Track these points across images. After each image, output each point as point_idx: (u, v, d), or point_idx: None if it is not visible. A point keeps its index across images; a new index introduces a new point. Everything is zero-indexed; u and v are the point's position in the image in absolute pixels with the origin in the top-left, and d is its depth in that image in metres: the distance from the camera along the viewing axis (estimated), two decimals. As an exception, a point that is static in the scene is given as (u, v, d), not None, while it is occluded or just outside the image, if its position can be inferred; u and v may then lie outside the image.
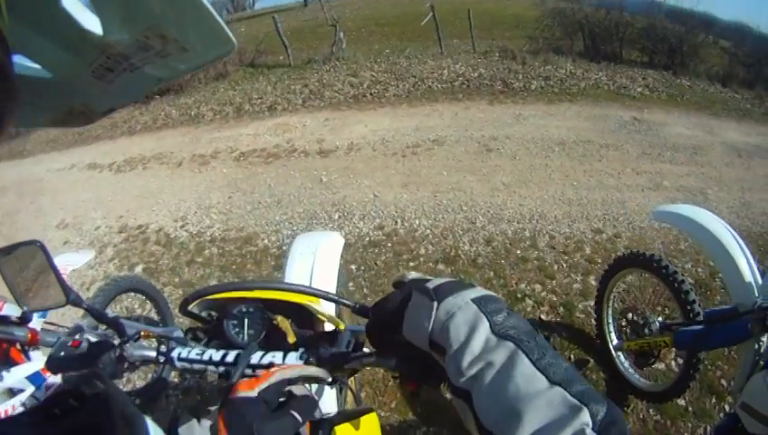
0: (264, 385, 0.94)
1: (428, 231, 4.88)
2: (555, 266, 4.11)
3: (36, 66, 0.61)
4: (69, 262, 3.42)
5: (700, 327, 2.34)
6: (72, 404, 0.60)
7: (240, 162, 7.95)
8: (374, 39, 17.37)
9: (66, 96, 0.68)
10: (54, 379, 2.51)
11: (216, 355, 1.18)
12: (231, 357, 1.17)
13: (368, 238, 4.92)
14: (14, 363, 2.48)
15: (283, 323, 1.32)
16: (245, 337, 1.31)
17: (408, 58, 12.74)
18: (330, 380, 1.08)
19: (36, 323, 2.72)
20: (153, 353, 1.27)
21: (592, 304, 3.32)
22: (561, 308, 3.64)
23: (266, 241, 5.37)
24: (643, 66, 11.25)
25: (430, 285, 0.77)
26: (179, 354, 1.22)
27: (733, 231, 2.45)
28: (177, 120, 12.86)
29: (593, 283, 3.77)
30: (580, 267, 4.08)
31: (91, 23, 0.54)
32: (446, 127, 7.60)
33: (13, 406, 2.34)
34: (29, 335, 2.27)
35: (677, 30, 11.91)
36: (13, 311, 2.55)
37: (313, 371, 1.04)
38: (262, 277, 4.71)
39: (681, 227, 2.91)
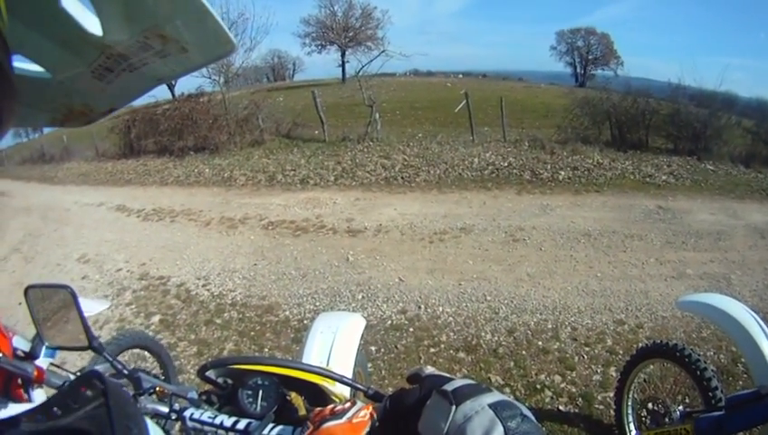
0: None
1: (451, 319, 4.87)
2: (576, 358, 4.10)
3: (36, 66, 0.62)
4: (84, 308, 3.46)
5: (721, 413, 2.28)
6: (72, 404, 0.61)
7: (268, 231, 8.08)
8: (408, 122, 17.80)
9: (66, 96, 0.70)
10: None
11: (228, 421, 1.21)
12: (242, 425, 1.20)
13: (390, 321, 4.93)
14: (14, 399, 2.37)
15: (296, 399, 1.33)
16: (258, 408, 1.33)
17: (440, 144, 12.96)
18: None
19: (43, 361, 2.66)
20: (166, 410, 1.31)
21: (612, 395, 3.29)
22: (581, 399, 3.61)
23: (288, 313, 5.38)
24: (668, 153, 11.36)
25: (449, 388, 0.81)
26: (192, 415, 1.26)
27: (755, 315, 2.47)
28: (209, 179, 13.15)
29: (613, 374, 3.76)
30: (601, 359, 4.07)
31: (91, 23, 0.56)
32: (474, 215, 7.70)
33: None
34: (35, 373, 2.22)
35: (701, 114, 11.99)
36: (22, 345, 2.54)
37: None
38: (279, 348, 4.74)
39: (704, 315, 2.92)
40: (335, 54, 44.28)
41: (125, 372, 1.44)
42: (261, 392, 1.35)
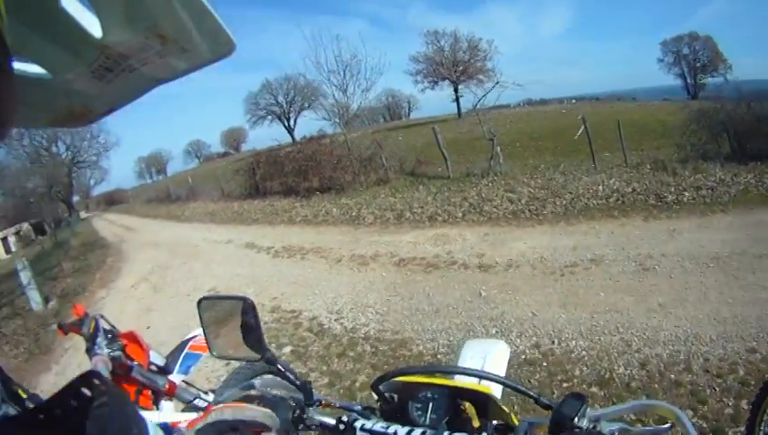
0: (200, 425, 1.08)
1: (584, 353, 4.90)
2: (708, 391, 4.06)
3: (36, 67, 0.63)
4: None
5: None
6: (73, 405, 0.60)
7: (400, 268, 8.31)
8: (528, 153, 17.77)
9: (66, 96, 0.70)
10: None
11: (402, 431, 1.23)
12: (417, 434, 1.22)
13: (524, 356, 5.01)
14: (142, 407, 2.51)
15: (470, 409, 1.35)
16: (427, 420, 1.34)
17: (563, 174, 12.91)
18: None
19: (176, 377, 2.92)
20: (333, 421, 1.35)
21: (743, 429, 3.26)
22: (711, 435, 3.58)
23: (421, 347, 5.57)
24: None
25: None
26: (363, 425, 1.29)
27: None
28: (337, 218, 13.54)
29: (745, 406, 3.71)
30: (733, 391, 4.00)
31: (91, 23, 0.56)
32: (603, 246, 7.64)
33: None
34: (167, 386, 2.42)
35: None
36: (157, 360, 2.75)
37: (254, 414, 1.16)
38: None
39: None
40: (448, 90, 44.53)
41: (297, 382, 1.45)
42: (431, 404, 1.36)
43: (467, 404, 1.36)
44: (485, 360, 2.26)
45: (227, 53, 0.65)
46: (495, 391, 1.52)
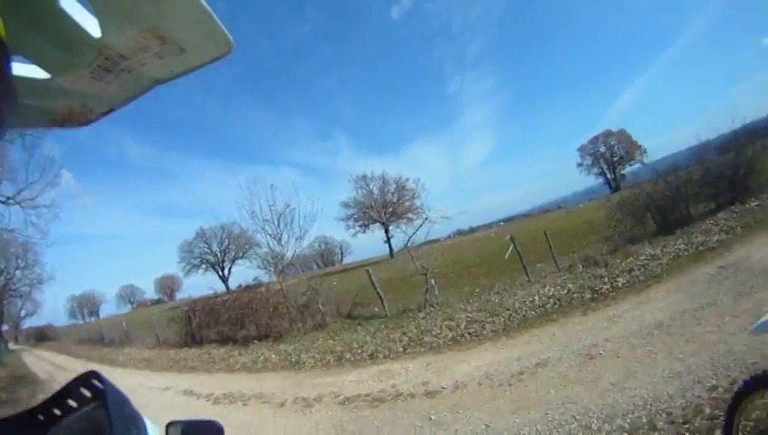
0: None
1: None
2: None
3: (35, 67, 0.63)
4: None
5: None
6: (71, 405, 0.61)
7: (345, 406, 8.00)
8: (463, 281, 17.97)
9: (65, 97, 0.70)
10: None
11: None
12: None
13: None
14: None
15: None
16: None
17: (498, 293, 13.15)
18: None
19: None
20: None
21: None
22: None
23: None
24: (712, 213, 11.45)
25: None
26: None
27: None
28: (276, 364, 13.18)
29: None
30: (704, 428, 3.95)
31: (90, 24, 0.57)
32: (546, 349, 7.61)
33: None
34: None
35: (727, 159, 12.24)
36: None
37: None
38: None
39: None
40: (379, 232, 46.12)
41: None
42: None
43: None
44: None
45: (225, 53, 0.65)
46: None
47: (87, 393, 0.62)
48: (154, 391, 12.48)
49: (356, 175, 47.91)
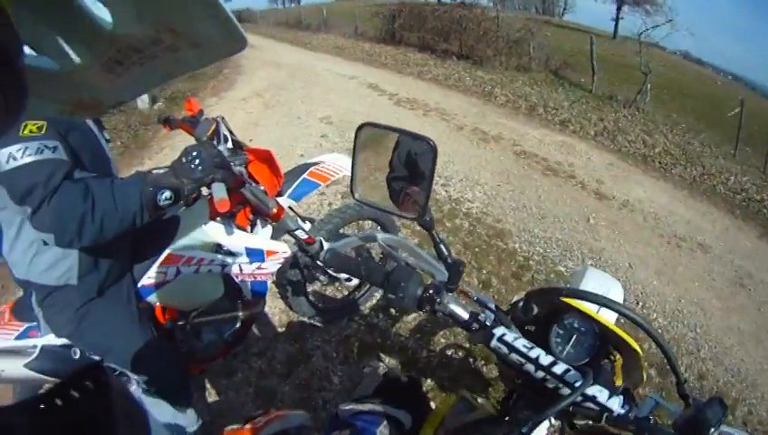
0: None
1: (659, 331, 4.57)
2: None
3: (46, 58, 0.62)
4: (339, 166, 3.35)
5: None
6: (73, 395, 0.59)
7: (519, 158, 8.13)
8: (674, 106, 16.80)
9: (75, 88, 0.67)
10: (267, 263, 2.51)
11: (545, 359, 1.11)
12: (559, 370, 1.10)
13: None
14: (238, 226, 2.46)
15: (619, 361, 1.21)
16: (564, 353, 1.21)
17: (702, 145, 12.33)
18: None
19: (285, 201, 2.85)
20: (466, 316, 1.23)
21: None
22: None
23: (517, 245, 5.46)
24: None
25: None
26: (502, 335, 1.15)
27: None
28: (469, 88, 13.21)
29: None
30: None
31: (102, 15, 0.54)
32: (714, 237, 7.11)
33: (211, 260, 2.33)
34: (275, 209, 2.24)
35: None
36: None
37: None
38: (497, 276, 4.79)
39: None
40: (610, 5, 42.12)
41: (449, 259, 1.26)
42: (574, 337, 1.22)
43: (618, 355, 1.22)
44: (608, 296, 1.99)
45: (239, 49, 0.60)
46: None
47: (90, 385, 0.60)
48: (339, 78, 12.93)
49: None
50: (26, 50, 0.52)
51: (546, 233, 5.83)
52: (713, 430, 0.95)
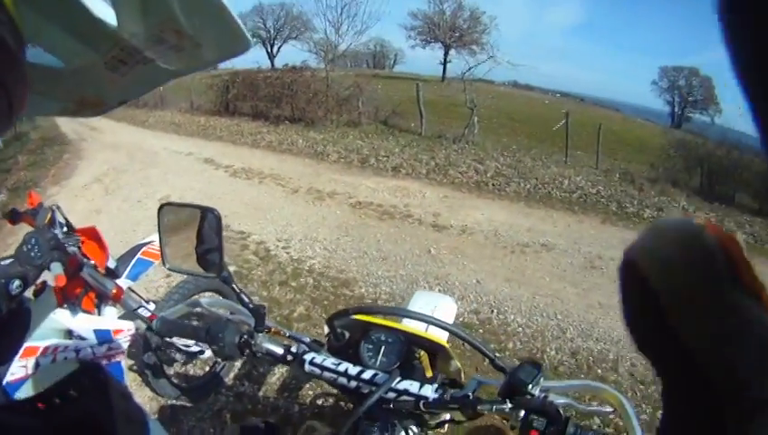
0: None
1: (520, 329, 4.93)
2: (629, 393, 4.10)
3: (49, 56, 0.61)
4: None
5: None
6: (72, 395, 0.60)
7: (355, 209, 8.26)
8: (504, 132, 18.13)
9: (78, 86, 0.69)
10: (116, 342, 2.52)
11: (353, 370, 1.26)
12: (368, 375, 1.25)
13: (462, 319, 5.00)
14: (84, 310, 2.48)
15: (424, 357, 1.35)
16: (377, 362, 1.34)
17: (533, 159, 13.13)
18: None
19: (123, 282, 2.86)
20: (281, 351, 1.37)
21: None
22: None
23: (363, 290, 5.49)
24: (752, 213, 10.86)
25: None
26: (312, 359, 1.31)
27: None
28: (301, 150, 13.49)
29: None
30: (653, 399, 4.04)
31: (106, 14, 0.55)
32: (557, 235, 7.66)
33: (65, 347, 2.33)
34: (114, 290, 2.36)
35: None
36: (108, 262, 2.71)
37: None
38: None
39: None
40: (438, 52, 44.18)
41: (251, 305, 1.40)
42: (384, 347, 1.36)
43: (422, 353, 1.37)
44: (433, 313, 2.26)
45: (242, 50, 0.64)
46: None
47: (88, 384, 0.61)
48: (176, 156, 12.77)
49: (433, -10, 45.39)
50: (30, 47, 0.52)
51: (389, 272, 5.92)
52: (530, 386, 1.08)
